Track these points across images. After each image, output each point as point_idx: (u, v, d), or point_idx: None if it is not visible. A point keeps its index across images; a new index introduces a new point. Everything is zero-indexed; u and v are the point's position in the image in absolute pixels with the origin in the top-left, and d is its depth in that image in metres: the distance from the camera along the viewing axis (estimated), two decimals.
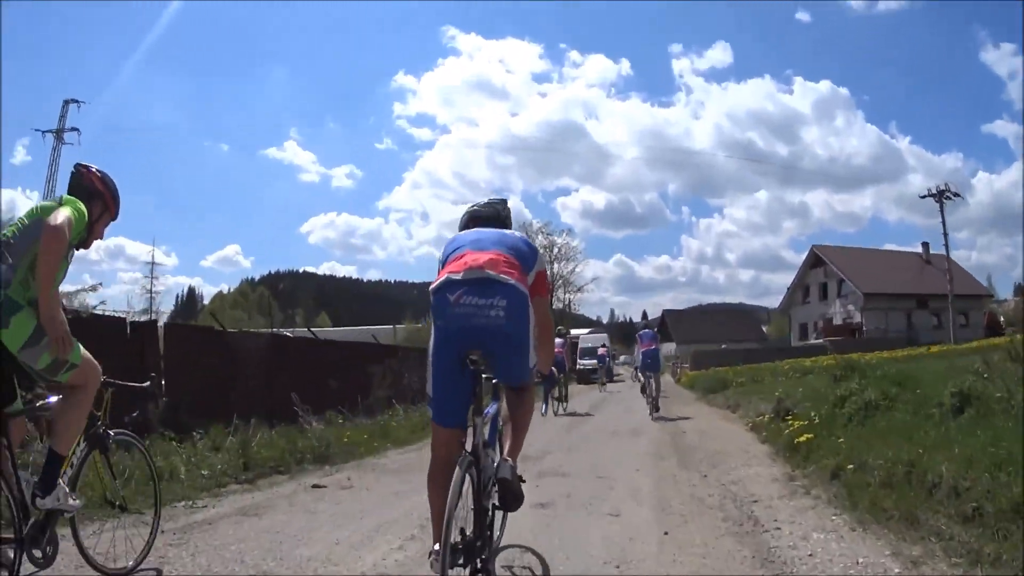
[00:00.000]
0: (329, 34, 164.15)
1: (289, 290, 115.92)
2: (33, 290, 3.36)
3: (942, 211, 46.94)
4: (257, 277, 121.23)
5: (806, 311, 61.07)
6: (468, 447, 3.31)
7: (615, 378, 40.35)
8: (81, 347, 3.55)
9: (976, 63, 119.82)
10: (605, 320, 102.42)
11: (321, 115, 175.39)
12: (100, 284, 42.59)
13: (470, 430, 3.37)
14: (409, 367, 17.68)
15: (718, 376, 24.34)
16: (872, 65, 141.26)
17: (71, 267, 3.79)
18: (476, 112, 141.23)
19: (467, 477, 3.18)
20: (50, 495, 3.41)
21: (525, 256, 3.48)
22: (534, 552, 4.48)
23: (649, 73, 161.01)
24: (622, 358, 59.67)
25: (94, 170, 3.87)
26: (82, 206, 3.62)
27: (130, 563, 4.10)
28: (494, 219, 3.83)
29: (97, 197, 3.79)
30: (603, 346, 34.12)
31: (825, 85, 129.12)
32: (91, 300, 19.62)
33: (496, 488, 3.37)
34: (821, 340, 48.35)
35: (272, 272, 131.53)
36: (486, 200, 4.02)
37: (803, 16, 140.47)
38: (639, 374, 18.24)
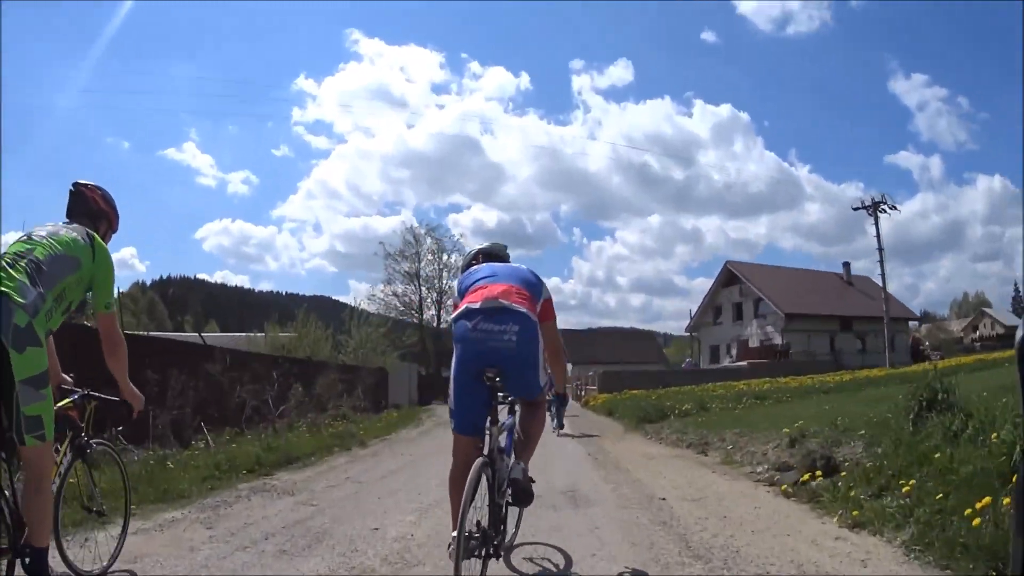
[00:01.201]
0: (232, 32, 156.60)
1: (180, 296, 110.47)
2: (54, 323, 3.35)
3: (876, 224, 43.50)
4: (149, 282, 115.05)
5: (718, 332, 57.53)
6: (485, 451, 3.72)
7: None
8: (53, 431, 3.31)
9: (884, 93, 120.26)
10: None
11: (221, 117, 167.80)
12: None
13: (487, 438, 3.78)
14: (243, 376, 12.52)
15: (647, 401, 19.77)
16: (776, 91, 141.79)
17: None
18: (373, 122, 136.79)
19: (483, 477, 3.60)
20: None
21: (534, 287, 3.93)
22: (557, 548, 4.71)
23: (548, 89, 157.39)
24: None
25: (93, 188, 3.88)
26: (108, 252, 3.67)
27: (104, 563, 4.15)
28: (500, 257, 4.32)
29: (101, 217, 3.86)
30: None
31: (726, 109, 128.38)
32: None
33: (509, 487, 3.78)
34: (739, 363, 44.81)
35: (164, 277, 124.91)
36: (489, 244, 4.48)
37: (708, 36, 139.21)
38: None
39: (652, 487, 7.42)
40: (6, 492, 3.25)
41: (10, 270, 3.20)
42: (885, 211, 44.10)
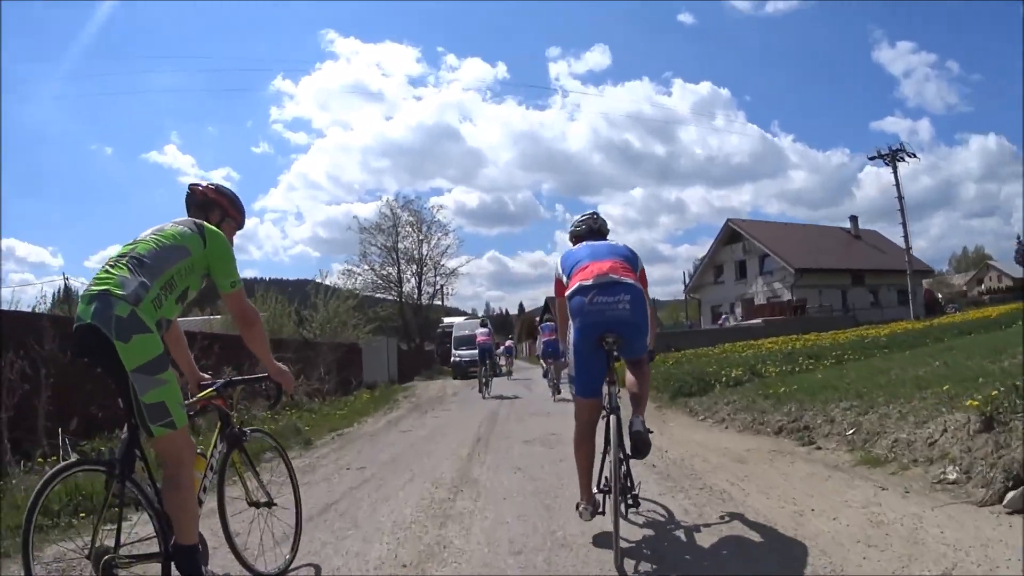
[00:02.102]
0: (210, 37, 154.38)
1: None
2: (167, 312, 3.21)
3: (895, 173, 41.17)
4: None
5: (720, 292, 54.16)
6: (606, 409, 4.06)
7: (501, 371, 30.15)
8: (186, 417, 3.13)
9: (869, 63, 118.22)
10: (480, 313, 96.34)
11: (201, 119, 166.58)
12: None
13: (606, 399, 4.07)
14: None
15: (672, 367, 15.96)
16: (757, 66, 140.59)
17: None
18: (351, 116, 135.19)
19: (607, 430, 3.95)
20: None
21: (632, 260, 4.30)
22: (658, 503, 4.90)
23: (526, 76, 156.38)
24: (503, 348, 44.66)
25: (204, 184, 3.83)
26: (222, 235, 3.54)
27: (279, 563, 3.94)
28: (591, 233, 4.74)
29: (212, 206, 3.75)
30: (487, 334, 21.48)
31: (705, 86, 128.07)
32: None
33: (630, 440, 4.08)
34: (752, 321, 40.94)
35: None
36: (578, 219, 4.89)
37: (685, 18, 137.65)
38: (542, 361, 18.57)
39: (803, 539, 3.80)
40: (148, 492, 3.09)
41: (112, 269, 3.15)
42: (903, 159, 42.30)
